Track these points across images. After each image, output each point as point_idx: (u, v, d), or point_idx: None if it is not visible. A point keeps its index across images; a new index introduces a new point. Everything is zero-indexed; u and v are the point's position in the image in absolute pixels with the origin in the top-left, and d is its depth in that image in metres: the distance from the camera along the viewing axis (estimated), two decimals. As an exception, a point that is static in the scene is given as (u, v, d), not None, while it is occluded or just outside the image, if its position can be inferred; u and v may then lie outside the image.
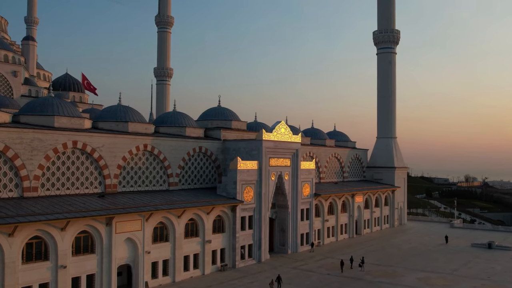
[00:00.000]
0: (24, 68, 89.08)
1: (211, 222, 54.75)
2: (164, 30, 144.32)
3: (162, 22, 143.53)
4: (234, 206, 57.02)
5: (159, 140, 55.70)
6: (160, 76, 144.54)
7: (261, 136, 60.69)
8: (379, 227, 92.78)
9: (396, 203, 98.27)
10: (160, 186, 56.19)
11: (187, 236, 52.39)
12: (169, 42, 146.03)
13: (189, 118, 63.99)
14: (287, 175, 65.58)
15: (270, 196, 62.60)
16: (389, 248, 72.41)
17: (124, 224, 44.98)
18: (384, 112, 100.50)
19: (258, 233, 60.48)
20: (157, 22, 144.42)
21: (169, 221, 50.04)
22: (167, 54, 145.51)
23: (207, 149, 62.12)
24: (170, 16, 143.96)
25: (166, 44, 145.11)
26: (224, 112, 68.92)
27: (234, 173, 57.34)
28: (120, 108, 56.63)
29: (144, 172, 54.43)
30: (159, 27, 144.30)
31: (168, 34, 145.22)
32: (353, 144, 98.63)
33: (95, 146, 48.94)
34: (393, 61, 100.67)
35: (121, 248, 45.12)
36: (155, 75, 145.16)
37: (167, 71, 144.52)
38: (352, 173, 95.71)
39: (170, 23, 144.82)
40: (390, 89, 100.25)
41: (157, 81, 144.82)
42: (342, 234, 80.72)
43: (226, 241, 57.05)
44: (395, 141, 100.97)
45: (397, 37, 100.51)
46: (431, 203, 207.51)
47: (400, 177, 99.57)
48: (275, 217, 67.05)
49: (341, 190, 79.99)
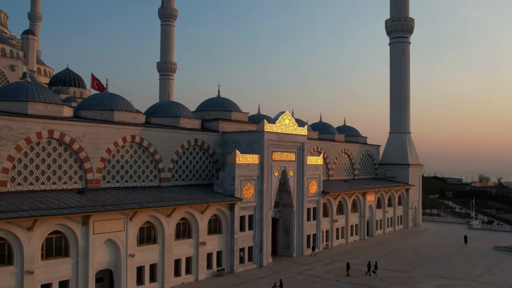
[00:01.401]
0: (22, 62, 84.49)
1: (206, 222, 49.21)
2: (168, 23, 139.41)
3: (165, 15, 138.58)
4: (232, 204, 51.44)
5: (149, 131, 50.30)
6: (163, 70, 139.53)
7: (263, 127, 55.04)
8: (392, 228, 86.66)
9: (411, 202, 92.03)
10: (150, 182, 50.78)
11: (178, 238, 46.89)
12: (172, 36, 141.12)
13: (184, 108, 58.53)
14: (292, 171, 59.82)
15: (273, 193, 56.91)
16: (404, 251, 66.32)
17: (103, 223, 39.58)
18: (397, 105, 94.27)
19: (259, 234, 54.84)
20: (160, 15, 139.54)
21: (157, 221, 44.57)
22: (171, 48, 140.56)
23: (204, 142, 56.61)
24: (173, 8, 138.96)
25: (169, 38, 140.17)
26: (223, 103, 63.34)
27: (232, 167, 51.75)
28: (106, 95, 51.32)
29: (132, 166, 49.06)
30: (162, 20, 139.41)
31: (171, 27, 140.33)
32: (364, 139, 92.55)
33: (74, 136, 43.65)
34: (406, 51, 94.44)
35: (100, 251, 39.72)
36: (158, 70, 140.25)
37: (170, 66, 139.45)
38: (363, 170, 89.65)
39: (173, 16, 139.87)
40: (403, 81, 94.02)
41: (160, 76, 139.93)
42: (352, 236, 74.79)
43: (223, 243, 51.47)
44: (409, 136, 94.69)
45: (411, 26, 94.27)
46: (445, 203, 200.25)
47: (415, 175, 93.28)
48: (279, 217, 61.33)
49: (351, 188, 74.04)
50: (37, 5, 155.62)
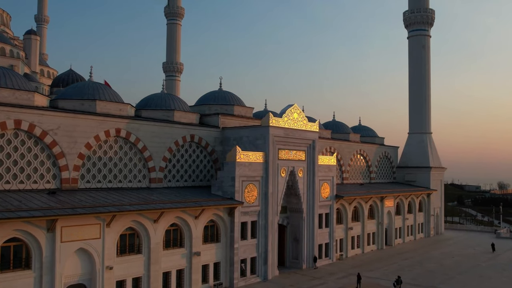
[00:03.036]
0: (22, 62, 79.43)
1: (201, 229, 42.66)
2: (174, 22, 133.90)
3: (172, 13, 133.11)
4: (231, 209, 44.84)
5: (137, 124, 44.04)
6: (169, 71, 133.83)
7: (268, 121, 48.49)
8: (412, 237, 79.17)
9: (432, 209, 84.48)
10: (138, 182, 44.45)
11: (167, 247, 40.40)
12: (179, 35, 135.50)
13: (180, 101, 52.26)
14: (301, 171, 53.07)
15: (280, 196, 50.22)
16: (428, 263, 58.96)
17: (74, 230, 33.24)
18: (417, 104, 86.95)
19: (263, 243, 48.11)
20: (166, 14, 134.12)
21: (142, 227, 38.14)
22: (177, 47, 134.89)
23: (201, 138, 50.21)
24: (180, 7, 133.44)
25: (176, 37, 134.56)
26: (225, 96, 56.94)
27: (232, 166, 45.22)
28: (89, 84, 45.25)
29: (117, 165, 42.79)
30: (169, 19, 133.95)
31: (178, 26, 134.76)
32: (381, 140, 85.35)
33: (47, 128, 37.54)
34: (427, 44, 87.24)
35: (70, 262, 33.35)
36: (164, 70, 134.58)
37: (176, 66, 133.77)
38: (380, 173, 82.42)
39: (180, 15, 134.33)
40: (424, 77, 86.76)
41: (166, 76, 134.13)
42: (369, 245, 67.56)
43: (222, 253, 44.84)
44: (430, 137, 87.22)
45: (431, 18, 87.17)
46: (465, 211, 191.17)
47: (436, 179, 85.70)
48: (287, 224, 54.52)
49: (368, 192, 66.92)
50: (44, 8, 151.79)
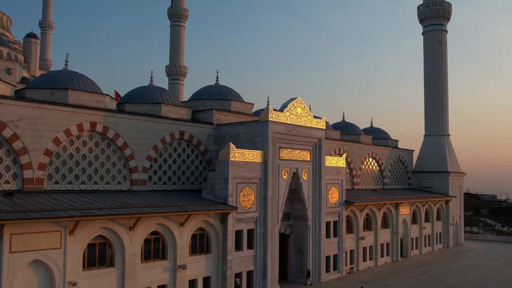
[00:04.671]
0: (21, 66, 74.99)
1: (187, 238, 36.86)
2: (178, 23, 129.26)
3: (175, 15, 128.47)
4: (224, 215, 39.01)
5: (116, 117, 38.56)
6: (172, 74, 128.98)
7: (267, 115, 42.76)
8: (430, 248, 72.52)
9: (451, 217, 77.76)
10: (118, 184, 38.87)
11: (147, 259, 34.63)
12: (183, 37, 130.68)
13: (169, 94, 46.76)
14: (305, 173, 47.16)
15: (281, 201, 44.31)
16: (449, 277, 52.43)
17: (28, 238, 27.65)
18: (434, 104, 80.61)
19: (262, 255, 42.13)
20: (169, 15, 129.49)
21: (114, 235, 32.47)
22: (181, 50, 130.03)
23: (193, 135, 44.61)
24: (184, 8, 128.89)
25: (179, 39, 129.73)
26: (221, 90, 51.38)
27: (225, 166, 39.48)
28: (63, 73, 39.91)
29: (92, 164, 37.29)
30: (172, 21, 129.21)
31: (181, 29, 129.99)
32: (394, 143, 79.07)
33: (5, 120, 32.20)
34: (443, 40, 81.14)
35: (22, 277, 27.71)
36: (167, 74, 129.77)
37: (180, 69, 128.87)
38: (394, 178, 76.04)
39: (184, 16, 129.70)
40: (440, 75, 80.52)
41: (169, 80, 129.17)
42: (382, 257, 61.13)
43: (212, 266, 38.94)
44: (448, 139, 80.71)
45: (448, 11, 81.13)
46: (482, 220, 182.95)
47: (455, 185, 79.00)
48: (290, 233, 48.51)
49: (381, 198, 60.65)
50: (49, 13, 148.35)
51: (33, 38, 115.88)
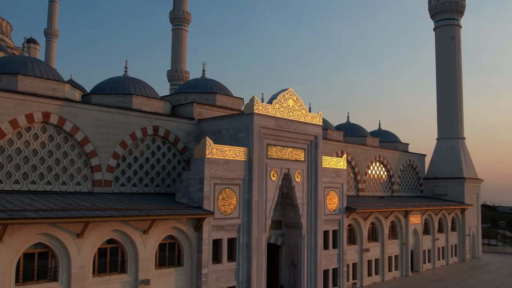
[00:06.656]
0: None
1: (152, 248, 31.33)
2: (180, 27, 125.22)
3: (177, 19, 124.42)
4: (198, 221, 33.43)
5: (75, 108, 33.45)
6: (174, 80, 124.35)
7: (252, 107, 37.29)
8: (444, 261, 65.92)
9: (467, 227, 71.14)
10: (76, 185, 33.61)
11: (100, 272, 29.12)
12: (185, 41, 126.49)
13: (144, 85, 41.55)
14: (299, 175, 41.44)
15: (269, 207, 38.59)
16: (466, 295, 46.09)
17: None
18: (447, 104, 74.42)
19: (245, 268, 36.36)
20: (171, 19, 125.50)
21: (58, 244, 27.07)
22: (183, 54, 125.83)
23: (169, 131, 39.30)
24: (186, 11, 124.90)
25: (181, 44, 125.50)
26: (205, 83, 46.12)
27: (201, 164, 34.02)
28: (18, 58, 35.02)
29: (45, 161, 32.13)
30: (174, 24, 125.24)
31: (184, 32, 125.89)
32: (404, 146, 72.94)
33: None
34: (457, 36, 75.20)
35: None
36: (168, 79, 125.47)
37: (181, 74, 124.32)
38: (404, 185, 69.79)
39: (186, 20, 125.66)
40: (454, 73, 74.42)
41: (171, 85, 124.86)
42: (390, 271, 54.81)
43: (184, 281, 33.27)
44: (463, 142, 74.33)
45: (461, 5, 75.30)
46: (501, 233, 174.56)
47: (472, 192, 72.44)
48: (281, 243, 42.66)
49: (388, 204, 54.55)
50: (54, 22, 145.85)
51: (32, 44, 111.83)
